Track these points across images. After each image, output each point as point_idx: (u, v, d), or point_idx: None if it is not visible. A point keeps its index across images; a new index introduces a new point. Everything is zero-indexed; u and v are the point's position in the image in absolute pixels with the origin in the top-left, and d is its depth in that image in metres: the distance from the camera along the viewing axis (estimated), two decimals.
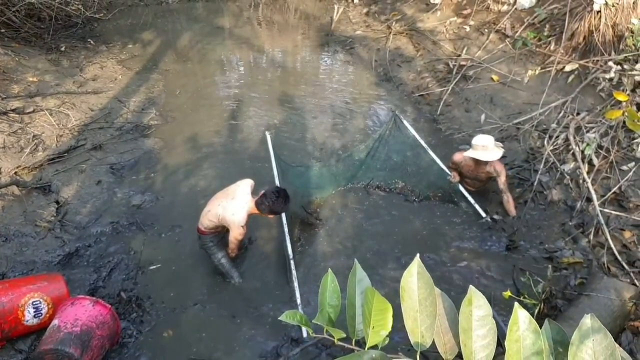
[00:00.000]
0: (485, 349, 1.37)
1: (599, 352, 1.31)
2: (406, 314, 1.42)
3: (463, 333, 1.39)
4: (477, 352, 1.37)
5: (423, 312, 1.41)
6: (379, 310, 1.40)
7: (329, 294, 1.50)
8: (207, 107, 10.17)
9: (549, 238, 6.46)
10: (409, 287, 1.43)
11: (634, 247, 5.89)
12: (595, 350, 1.31)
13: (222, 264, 5.95)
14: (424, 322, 1.40)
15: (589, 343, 1.32)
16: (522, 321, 1.36)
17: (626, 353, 1.42)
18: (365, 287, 1.45)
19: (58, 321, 4.67)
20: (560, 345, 1.43)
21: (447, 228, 6.90)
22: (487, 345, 1.38)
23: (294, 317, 1.50)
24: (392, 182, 7.69)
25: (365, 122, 9.68)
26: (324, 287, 1.51)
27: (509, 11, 10.50)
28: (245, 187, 5.62)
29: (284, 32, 14.59)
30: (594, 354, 1.31)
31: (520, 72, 9.20)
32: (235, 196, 5.50)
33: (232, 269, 6.02)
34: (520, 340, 1.35)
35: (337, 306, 1.48)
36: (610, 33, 8.17)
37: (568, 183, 6.92)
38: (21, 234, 6.30)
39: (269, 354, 5.20)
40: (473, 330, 1.38)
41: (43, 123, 8.27)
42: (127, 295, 5.73)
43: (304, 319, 1.50)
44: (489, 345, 1.37)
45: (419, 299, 1.42)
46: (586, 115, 7.56)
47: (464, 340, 1.38)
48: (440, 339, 1.46)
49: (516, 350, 1.34)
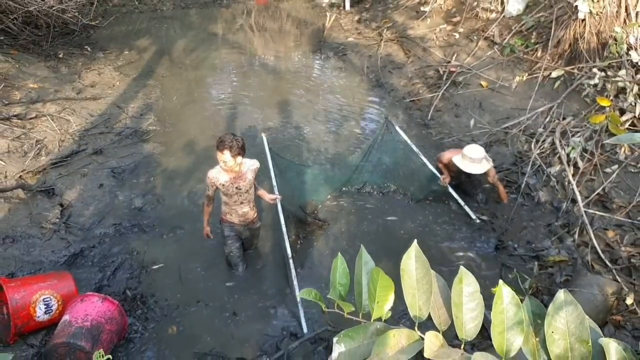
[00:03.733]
0: (474, 320, 1.61)
1: (571, 321, 1.56)
2: (406, 291, 1.65)
3: (455, 307, 1.63)
4: (467, 322, 1.61)
5: (420, 290, 1.65)
6: (383, 287, 1.64)
7: (339, 274, 1.75)
8: (203, 112, 10.40)
9: (535, 238, 6.71)
10: (408, 268, 1.67)
11: (616, 245, 6.14)
12: (567, 319, 1.57)
13: (232, 255, 6.20)
14: (421, 298, 1.64)
15: (562, 313, 1.57)
16: (506, 296, 1.60)
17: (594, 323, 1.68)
18: (371, 268, 1.70)
19: (69, 317, 4.90)
20: (538, 318, 1.68)
21: (438, 229, 7.14)
22: (475, 317, 1.62)
23: (309, 293, 1.76)
24: (385, 185, 7.93)
25: (357, 127, 9.91)
26: (335, 268, 1.75)
27: (497, 19, 10.77)
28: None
29: (276, 38, 14.80)
30: (567, 323, 1.56)
31: (508, 78, 9.46)
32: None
33: (239, 262, 6.30)
34: (504, 312, 1.59)
35: (346, 285, 1.73)
36: (595, 41, 8.43)
37: (554, 185, 7.18)
38: (28, 236, 6.51)
39: (270, 347, 5.43)
40: (463, 304, 1.62)
41: (45, 128, 8.47)
42: (132, 293, 5.97)
43: (319, 296, 1.75)
44: (477, 317, 1.62)
45: (417, 278, 1.66)
46: (572, 120, 7.82)
47: (455, 313, 1.62)
48: (436, 313, 1.70)
49: (500, 321, 1.59)
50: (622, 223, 6.34)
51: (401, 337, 1.55)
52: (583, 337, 1.55)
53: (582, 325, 1.56)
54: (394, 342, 1.54)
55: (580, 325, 1.56)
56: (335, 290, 1.71)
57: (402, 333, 1.56)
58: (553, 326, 1.57)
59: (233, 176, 5.60)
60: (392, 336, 1.54)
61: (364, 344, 1.60)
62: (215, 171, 5.59)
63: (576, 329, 1.55)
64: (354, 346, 1.59)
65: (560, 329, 1.56)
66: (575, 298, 1.55)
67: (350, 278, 1.76)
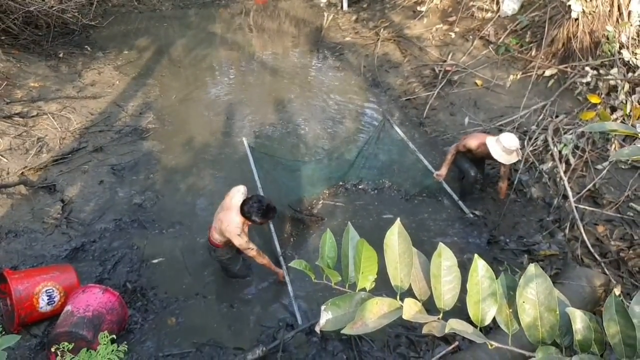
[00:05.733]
0: (451, 291, 1.75)
1: (540, 292, 1.70)
2: (388, 264, 1.79)
3: (434, 278, 1.76)
4: (445, 294, 1.74)
5: (402, 263, 1.78)
6: (367, 257, 1.78)
7: (327, 247, 1.88)
8: (202, 110, 10.52)
9: (527, 232, 6.85)
10: (391, 243, 1.81)
11: (606, 240, 6.27)
12: (537, 290, 1.71)
13: (237, 275, 6.22)
14: (403, 270, 1.78)
15: (532, 285, 1.71)
16: (480, 268, 1.74)
17: (562, 294, 1.82)
18: (357, 240, 1.84)
19: (71, 307, 5.04)
20: (511, 290, 1.82)
21: (431, 224, 7.27)
22: (452, 288, 1.75)
23: (300, 264, 1.91)
24: (380, 181, 8.04)
25: (354, 125, 10.03)
26: (324, 242, 1.89)
27: (492, 18, 10.87)
28: (237, 196, 5.57)
29: (274, 38, 14.89)
30: (537, 294, 1.70)
31: (503, 77, 9.56)
32: (230, 207, 5.51)
33: (248, 272, 6.35)
34: (479, 284, 1.74)
35: (334, 257, 1.87)
36: (588, 40, 8.54)
37: (546, 181, 7.30)
38: (30, 230, 6.65)
39: (266, 338, 5.57)
40: (442, 277, 1.75)
41: (46, 126, 8.60)
42: (132, 285, 6.11)
43: (308, 267, 1.89)
44: (454, 289, 1.75)
45: (399, 253, 1.79)
46: (564, 117, 7.95)
47: (434, 284, 1.76)
48: (416, 285, 1.84)
49: (476, 292, 1.72)
50: (612, 218, 6.46)
51: (383, 304, 1.69)
52: (551, 307, 1.69)
53: (550, 295, 1.71)
54: (376, 308, 1.68)
55: (549, 296, 1.71)
56: (324, 260, 1.85)
57: (384, 301, 1.70)
58: (524, 296, 1.71)
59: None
60: (375, 303, 1.68)
61: (349, 312, 1.74)
62: (240, 232, 5.45)
63: (545, 299, 1.70)
64: (340, 313, 1.74)
65: (531, 299, 1.70)
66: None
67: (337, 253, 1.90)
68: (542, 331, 1.70)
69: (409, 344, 5.37)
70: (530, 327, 1.70)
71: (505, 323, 1.76)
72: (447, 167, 7.38)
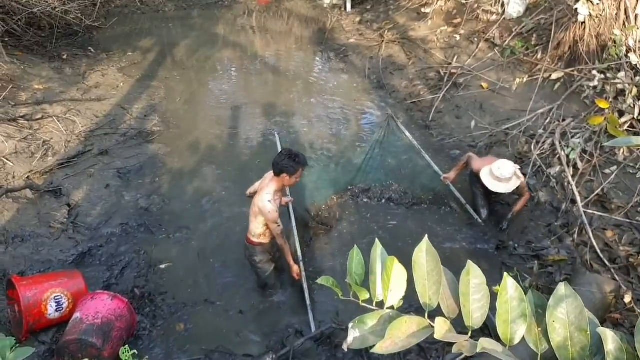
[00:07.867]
0: (480, 310, 1.73)
1: (571, 312, 1.68)
2: (417, 282, 1.77)
3: (462, 297, 1.75)
4: (473, 312, 1.73)
5: (430, 280, 1.77)
6: (397, 276, 1.77)
7: (354, 264, 1.87)
8: (206, 112, 10.52)
9: (535, 238, 6.81)
10: (419, 261, 1.79)
11: (615, 245, 6.25)
12: (568, 310, 1.69)
13: (269, 277, 6.01)
14: (431, 288, 1.76)
15: (563, 304, 1.69)
16: (510, 287, 1.73)
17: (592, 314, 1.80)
18: (386, 257, 1.82)
19: (80, 314, 5.01)
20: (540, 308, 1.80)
21: (439, 230, 7.21)
22: (481, 307, 1.73)
23: (327, 281, 1.89)
24: (387, 184, 7.98)
25: (359, 127, 10.03)
26: (351, 258, 1.88)
27: (497, 21, 10.85)
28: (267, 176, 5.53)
29: (277, 39, 14.87)
30: (567, 313, 1.69)
31: (509, 80, 9.54)
32: (262, 188, 5.41)
33: (277, 282, 6.20)
34: (509, 303, 1.72)
35: (361, 274, 1.86)
36: (594, 43, 8.51)
37: (554, 186, 7.28)
38: (37, 235, 6.62)
39: (275, 345, 5.54)
40: (471, 295, 1.74)
41: (51, 129, 8.58)
42: (140, 291, 6.08)
43: (335, 283, 1.88)
44: (483, 307, 1.73)
45: (427, 271, 1.77)
46: (571, 121, 7.92)
47: (463, 302, 1.74)
48: (444, 303, 1.82)
49: (505, 311, 1.71)
50: (621, 223, 6.45)
51: (412, 323, 1.67)
52: (582, 327, 1.67)
53: (581, 315, 1.69)
54: (405, 327, 1.66)
55: (580, 316, 1.69)
56: (352, 277, 1.84)
57: (413, 320, 1.68)
58: (554, 316, 1.69)
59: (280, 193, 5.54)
60: (404, 322, 1.66)
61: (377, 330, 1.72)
62: (271, 199, 5.31)
63: (576, 319, 1.68)
64: (367, 331, 1.72)
65: (561, 319, 1.68)
66: None
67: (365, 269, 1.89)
68: (572, 351, 1.67)
69: (420, 351, 5.33)
70: (560, 348, 1.68)
71: (534, 342, 1.75)
72: (456, 172, 7.27)
